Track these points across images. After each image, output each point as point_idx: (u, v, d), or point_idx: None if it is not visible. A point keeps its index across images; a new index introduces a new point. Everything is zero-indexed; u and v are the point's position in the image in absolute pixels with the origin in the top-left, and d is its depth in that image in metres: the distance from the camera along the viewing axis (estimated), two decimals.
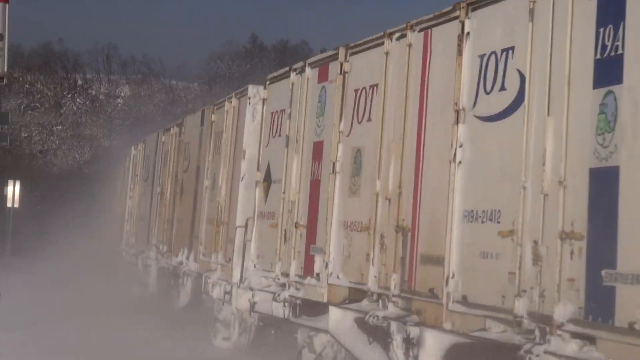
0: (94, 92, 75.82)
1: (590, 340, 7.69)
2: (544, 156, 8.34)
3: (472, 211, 9.53)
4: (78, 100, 73.49)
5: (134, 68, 79.92)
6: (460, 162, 9.76)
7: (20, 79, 71.61)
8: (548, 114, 8.41)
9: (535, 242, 8.43)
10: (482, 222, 9.28)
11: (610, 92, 7.67)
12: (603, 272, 7.50)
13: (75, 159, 69.92)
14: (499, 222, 8.99)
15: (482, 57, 9.66)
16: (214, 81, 77.57)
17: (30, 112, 70.66)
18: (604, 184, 7.66)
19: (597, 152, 7.75)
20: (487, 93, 9.49)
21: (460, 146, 9.75)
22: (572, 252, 7.95)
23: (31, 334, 18.47)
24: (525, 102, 8.79)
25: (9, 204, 44.36)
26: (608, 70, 7.71)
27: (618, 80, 7.57)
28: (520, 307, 8.43)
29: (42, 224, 55.65)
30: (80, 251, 41.15)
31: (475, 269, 9.36)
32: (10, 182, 45.40)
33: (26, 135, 68.07)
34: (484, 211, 9.31)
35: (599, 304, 7.56)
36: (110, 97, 76.48)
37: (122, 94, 77.50)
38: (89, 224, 47.52)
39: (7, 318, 19.17)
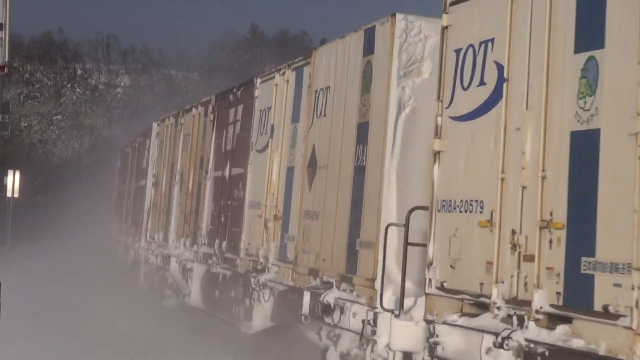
0: (93, 82, 75.72)
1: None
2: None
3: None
4: (78, 90, 73.46)
5: (134, 58, 79.82)
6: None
7: (20, 68, 71.56)
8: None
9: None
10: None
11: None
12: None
13: (75, 149, 69.94)
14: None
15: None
16: (214, 71, 77.50)
17: (29, 101, 70.66)
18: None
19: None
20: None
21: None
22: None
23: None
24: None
25: (8, 194, 44.37)
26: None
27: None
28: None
29: (42, 213, 55.70)
30: (80, 243, 41.19)
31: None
32: (10, 172, 45.40)
33: (26, 125, 68.06)
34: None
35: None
36: (110, 86, 76.39)
37: (122, 84, 77.40)
38: (88, 214, 47.55)
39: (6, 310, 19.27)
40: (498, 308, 8.79)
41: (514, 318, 8.57)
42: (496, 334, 8.62)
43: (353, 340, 12.12)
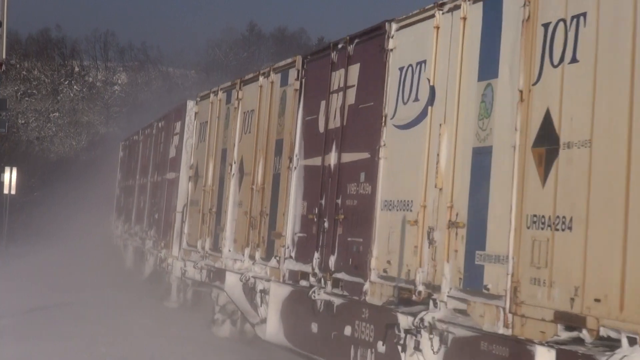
0: (91, 79, 75.87)
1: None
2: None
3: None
4: (75, 87, 73.49)
5: (132, 55, 79.98)
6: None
7: (18, 65, 71.57)
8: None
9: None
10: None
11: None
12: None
13: (72, 146, 69.93)
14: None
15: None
16: (212, 69, 77.56)
17: (27, 98, 70.64)
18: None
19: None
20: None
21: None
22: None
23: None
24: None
25: (5, 191, 44.28)
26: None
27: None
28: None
29: (39, 210, 55.60)
30: (79, 243, 41.00)
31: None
32: (7, 169, 45.37)
33: (23, 122, 68.04)
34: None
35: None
36: (107, 84, 76.51)
37: (119, 81, 77.48)
38: (86, 212, 47.43)
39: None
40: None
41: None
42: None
43: None
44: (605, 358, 7.68)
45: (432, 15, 11.09)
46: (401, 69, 11.83)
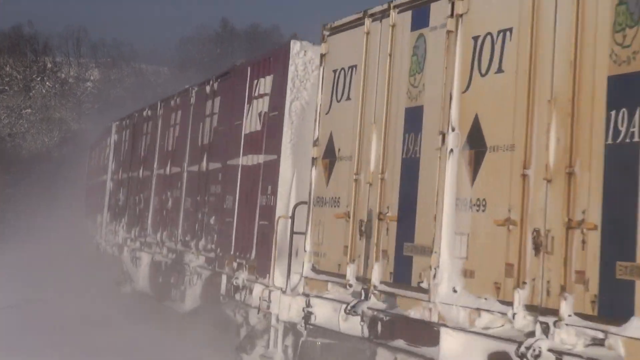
0: (63, 76, 75.48)
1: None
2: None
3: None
4: (47, 83, 73.20)
5: (104, 51, 79.72)
6: None
7: None
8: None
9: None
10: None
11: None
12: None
13: (44, 143, 69.69)
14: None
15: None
16: (185, 65, 77.45)
17: None
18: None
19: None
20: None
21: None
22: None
23: None
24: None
25: None
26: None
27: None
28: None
29: (12, 207, 55.50)
30: (53, 238, 40.68)
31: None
32: None
33: None
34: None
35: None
36: (80, 80, 76.18)
37: (92, 78, 77.22)
38: (59, 209, 47.28)
39: None
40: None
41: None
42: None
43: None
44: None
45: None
46: None
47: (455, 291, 9.41)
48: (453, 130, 9.63)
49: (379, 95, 11.41)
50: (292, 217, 13.45)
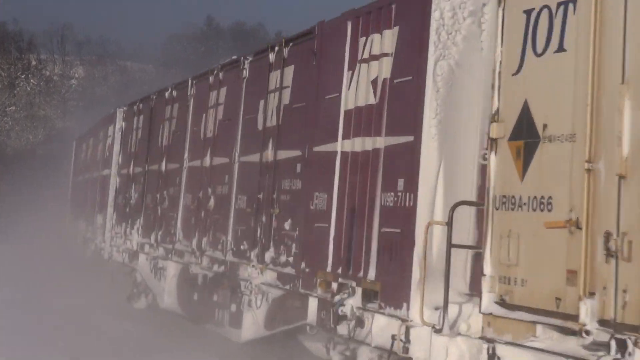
0: (48, 73, 75.09)
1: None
2: None
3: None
4: (32, 80, 72.68)
5: (89, 49, 79.09)
6: None
7: None
8: None
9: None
10: None
11: None
12: None
13: (29, 140, 69.36)
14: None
15: None
16: (170, 63, 76.94)
17: None
18: None
19: None
20: None
21: None
22: None
23: None
24: None
25: None
26: None
27: None
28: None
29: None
30: (40, 239, 39.46)
31: None
32: None
33: None
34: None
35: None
36: (65, 78, 75.79)
37: (77, 75, 76.69)
38: (45, 208, 46.16)
39: None
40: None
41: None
42: None
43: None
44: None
45: None
46: None
47: None
48: None
49: (630, 42, 7.62)
50: (450, 224, 9.47)
